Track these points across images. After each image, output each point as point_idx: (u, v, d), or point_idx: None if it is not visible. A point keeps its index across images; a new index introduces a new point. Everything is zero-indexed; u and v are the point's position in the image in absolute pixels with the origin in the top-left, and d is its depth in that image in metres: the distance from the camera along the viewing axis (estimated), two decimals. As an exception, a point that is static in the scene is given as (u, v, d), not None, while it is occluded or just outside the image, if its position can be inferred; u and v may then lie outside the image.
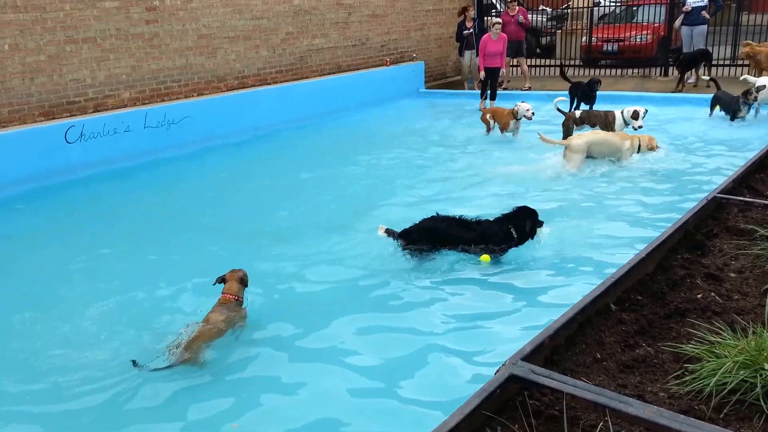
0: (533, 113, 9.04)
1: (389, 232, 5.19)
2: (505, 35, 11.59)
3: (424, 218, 5.19)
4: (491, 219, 5.10)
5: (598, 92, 10.62)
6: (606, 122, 8.46)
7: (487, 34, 11.45)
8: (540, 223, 5.06)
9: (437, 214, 5.19)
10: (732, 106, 9.44)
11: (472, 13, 13.57)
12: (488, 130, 9.70)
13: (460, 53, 13.80)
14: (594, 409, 2.16)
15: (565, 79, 11.30)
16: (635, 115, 8.24)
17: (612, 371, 2.49)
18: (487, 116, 9.71)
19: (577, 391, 2.19)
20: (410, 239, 5.09)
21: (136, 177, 8.38)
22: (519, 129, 9.33)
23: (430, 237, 5.05)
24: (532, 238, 5.03)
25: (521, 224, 4.97)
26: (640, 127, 8.19)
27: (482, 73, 11.49)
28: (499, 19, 11.66)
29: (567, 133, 8.52)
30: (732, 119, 9.45)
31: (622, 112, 8.41)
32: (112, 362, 3.86)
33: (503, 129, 9.42)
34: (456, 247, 5.06)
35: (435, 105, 12.73)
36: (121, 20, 9.21)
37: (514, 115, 9.19)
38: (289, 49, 11.79)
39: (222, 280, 4.23)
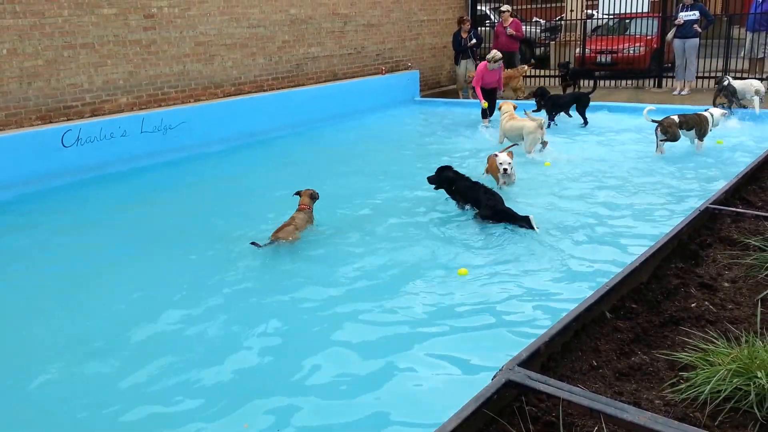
0: (506, 169, 7.02)
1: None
2: (502, 66, 11.35)
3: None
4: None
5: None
6: (701, 125, 8.57)
7: (483, 64, 11.10)
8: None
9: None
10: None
11: (467, 25, 13.69)
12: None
13: (456, 62, 13.88)
14: (590, 416, 2.19)
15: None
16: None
17: (608, 378, 2.52)
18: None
19: (573, 397, 2.22)
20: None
21: (132, 181, 8.40)
22: (510, 178, 7.23)
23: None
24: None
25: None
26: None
27: (483, 102, 11.12)
28: (498, 53, 11.29)
29: (674, 139, 8.52)
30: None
31: (711, 114, 8.59)
32: (112, 374, 3.87)
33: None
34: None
35: (430, 113, 12.79)
36: (119, 26, 9.24)
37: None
38: (286, 57, 11.84)
39: (298, 193, 6.16)
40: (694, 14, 12.60)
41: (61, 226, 6.69)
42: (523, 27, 14.74)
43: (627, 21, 15.97)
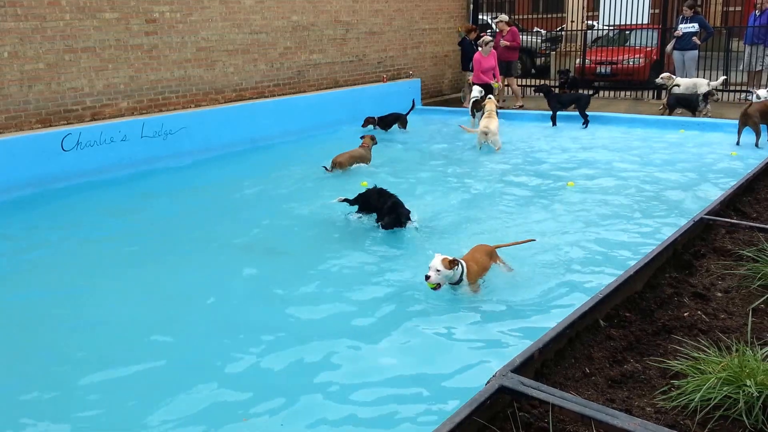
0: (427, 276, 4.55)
1: None
2: (494, 51, 12.11)
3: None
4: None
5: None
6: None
7: (477, 53, 11.71)
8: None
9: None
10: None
11: (474, 34, 13.90)
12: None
13: (470, 69, 13.96)
14: (582, 422, 2.21)
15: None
16: None
17: (600, 386, 2.54)
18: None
19: (564, 403, 2.24)
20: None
21: (132, 186, 8.41)
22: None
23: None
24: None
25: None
26: None
27: (475, 89, 11.81)
28: (490, 38, 12.01)
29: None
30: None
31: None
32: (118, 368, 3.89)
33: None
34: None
35: (431, 121, 12.82)
36: (120, 31, 9.29)
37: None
38: (287, 64, 11.90)
39: (363, 137, 8.35)
40: (693, 26, 12.67)
41: (60, 230, 6.70)
42: (525, 36, 14.91)
43: (627, 32, 16.06)
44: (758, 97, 10.26)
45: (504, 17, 13.97)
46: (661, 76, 12.19)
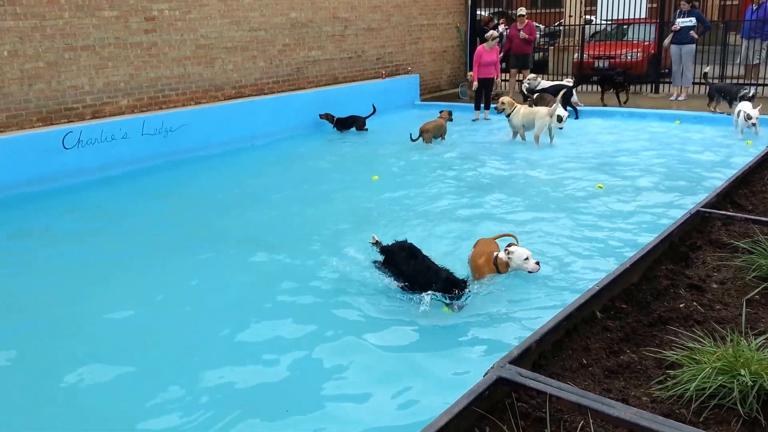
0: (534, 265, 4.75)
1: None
2: (497, 46, 12.11)
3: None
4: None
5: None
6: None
7: (481, 45, 11.82)
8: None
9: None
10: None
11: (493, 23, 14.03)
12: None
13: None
14: (579, 411, 2.24)
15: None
16: None
17: (597, 376, 2.57)
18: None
19: (561, 393, 2.27)
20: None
21: (133, 184, 8.44)
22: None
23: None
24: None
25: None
26: None
27: (476, 83, 11.79)
28: (495, 32, 12.02)
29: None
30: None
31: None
32: (124, 363, 3.93)
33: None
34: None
35: (430, 117, 12.82)
36: (120, 29, 9.31)
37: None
38: (286, 61, 11.91)
39: (441, 112, 10.25)
40: (690, 20, 12.69)
41: (61, 228, 6.74)
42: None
43: (625, 27, 16.07)
44: (748, 115, 9.54)
45: (523, 10, 14.07)
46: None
